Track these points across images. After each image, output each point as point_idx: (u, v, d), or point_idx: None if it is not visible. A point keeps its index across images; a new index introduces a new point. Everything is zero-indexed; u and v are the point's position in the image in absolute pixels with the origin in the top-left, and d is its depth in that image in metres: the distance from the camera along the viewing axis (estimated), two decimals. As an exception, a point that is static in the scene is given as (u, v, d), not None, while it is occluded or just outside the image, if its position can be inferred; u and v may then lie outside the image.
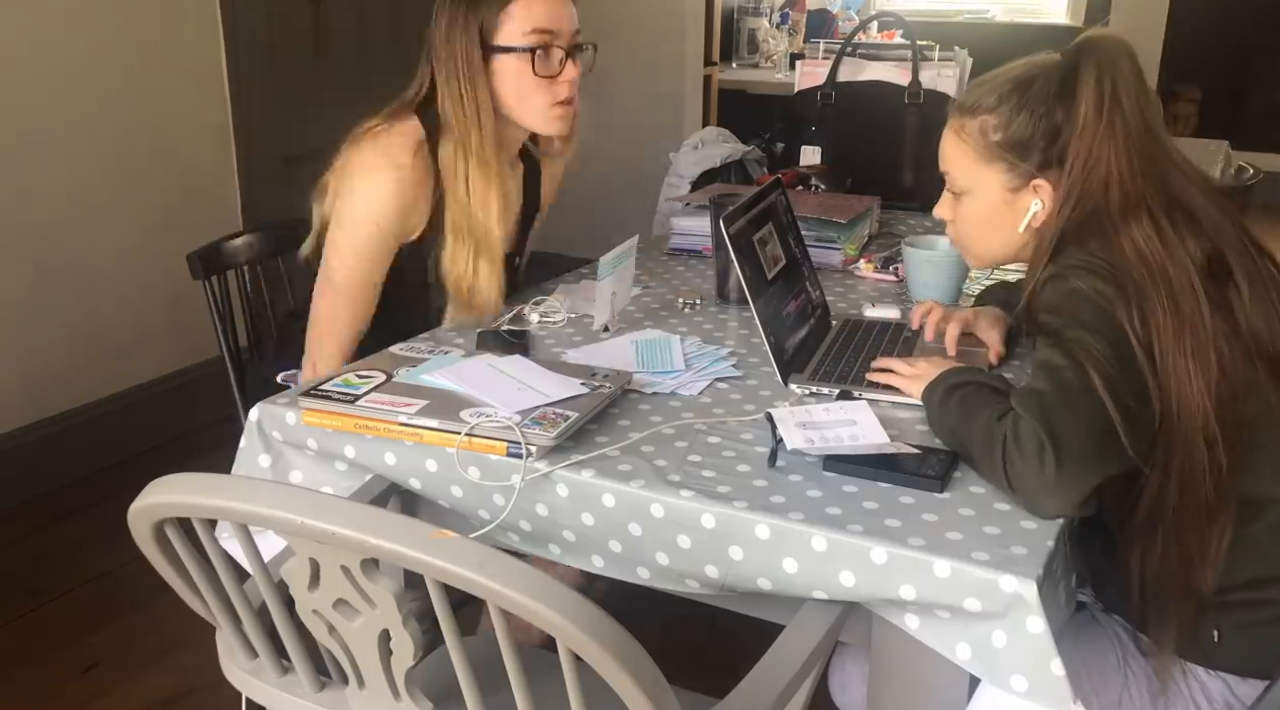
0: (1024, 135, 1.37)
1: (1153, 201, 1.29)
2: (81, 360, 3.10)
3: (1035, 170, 1.37)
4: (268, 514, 0.95)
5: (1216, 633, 1.28)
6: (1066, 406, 1.19)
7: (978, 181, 1.42)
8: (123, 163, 3.14)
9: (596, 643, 0.87)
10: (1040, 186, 1.38)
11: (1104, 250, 1.28)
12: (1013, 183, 1.39)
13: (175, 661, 2.28)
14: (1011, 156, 1.38)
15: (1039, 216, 1.39)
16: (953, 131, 1.44)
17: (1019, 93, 1.37)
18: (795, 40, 5.38)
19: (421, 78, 1.77)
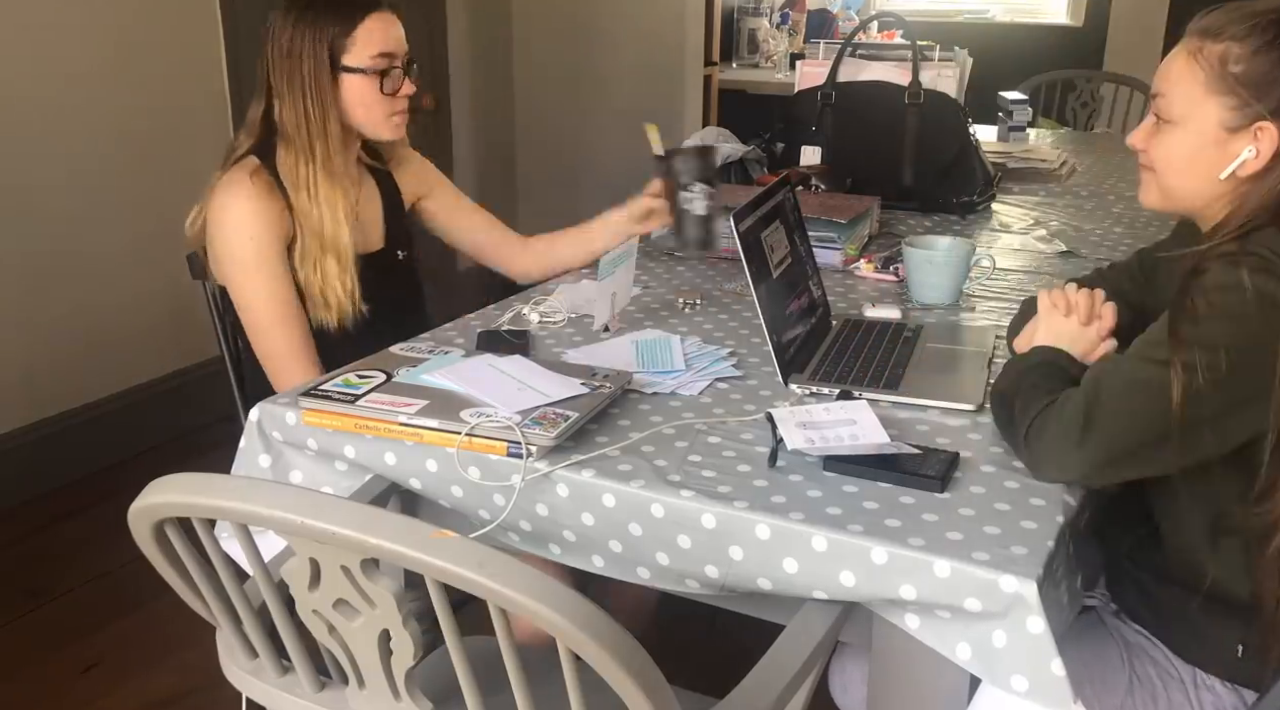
0: (1269, 74, 1.24)
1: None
2: (81, 360, 3.10)
3: (1266, 113, 1.24)
4: (268, 514, 0.95)
5: (1241, 647, 1.27)
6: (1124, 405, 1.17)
7: (1195, 111, 1.28)
8: (123, 162, 3.14)
9: (596, 643, 0.87)
10: (1264, 131, 1.25)
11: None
12: (1234, 121, 1.26)
13: (175, 661, 2.28)
14: (1246, 92, 1.25)
15: (1249, 165, 1.26)
16: (1186, 52, 1.30)
17: (1276, 27, 1.24)
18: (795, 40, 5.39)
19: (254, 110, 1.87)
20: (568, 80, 4.66)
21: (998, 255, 2.20)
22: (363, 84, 1.83)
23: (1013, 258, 2.23)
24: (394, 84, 1.85)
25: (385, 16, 1.85)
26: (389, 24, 1.85)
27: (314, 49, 1.80)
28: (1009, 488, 1.26)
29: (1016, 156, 3.10)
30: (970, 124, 2.63)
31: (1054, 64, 4.86)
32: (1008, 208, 2.64)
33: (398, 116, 1.90)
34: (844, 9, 5.66)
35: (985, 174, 2.64)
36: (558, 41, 4.65)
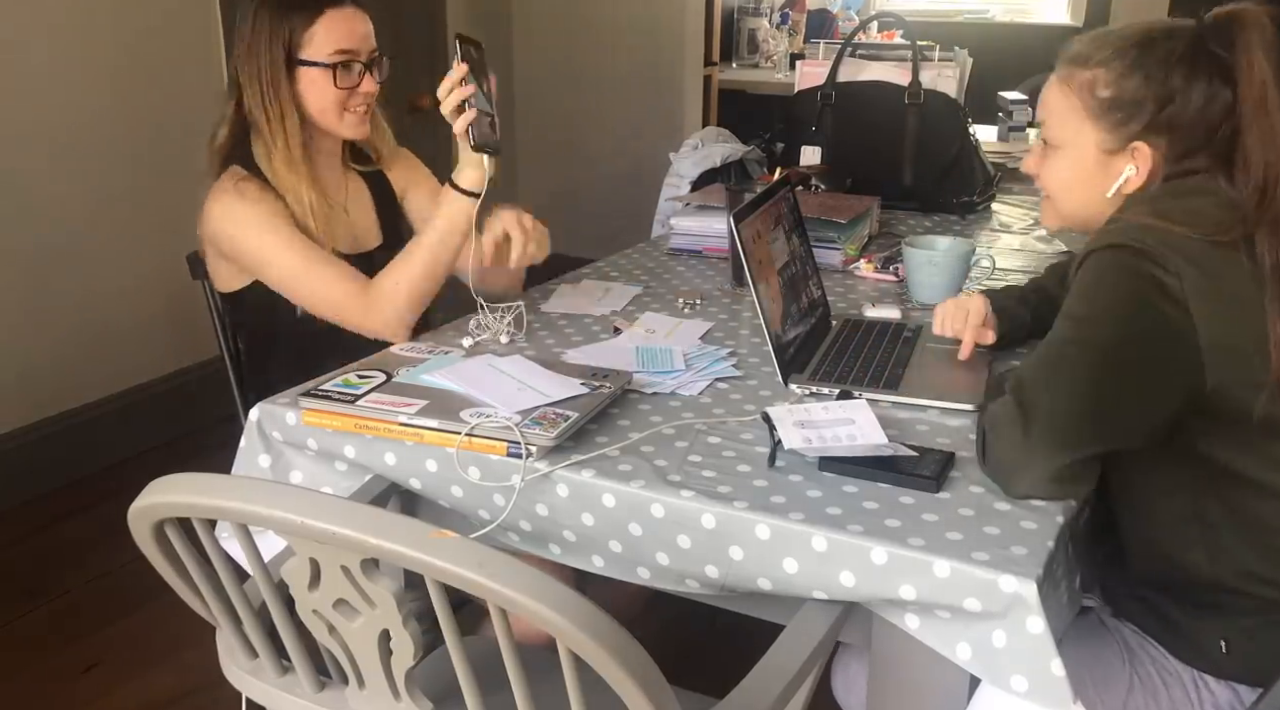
0: (1135, 96, 1.30)
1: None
2: (81, 360, 3.10)
3: (1138, 133, 1.31)
4: (268, 514, 0.95)
5: (1224, 643, 1.27)
6: (1048, 382, 1.21)
7: (1075, 136, 1.36)
8: (123, 163, 3.14)
9: (596, 642, 0.87)
10: (1139, 151, 1.32)
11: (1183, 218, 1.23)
12: (1111, 143, 1.33)
13: (175, 661, 2.28)
14: (1117, 116, 1.32)
15: (1131, 182, 1.33)
16: (1059, 81, 1.37)
17: (1138, 51, 1.31)
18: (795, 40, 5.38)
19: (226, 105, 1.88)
20: (568, 80, 4.66)
21: (998, 255, 2.20)
22: (317, 77, 1.82)
23: (1013, 258, 2.23)
24: (349, 79, 1.83)
25: (347, 12, 1.84)
26: (351, 20, 1.84)
27: (271, 42, 1.80)
28: (1009, 488, 1.26)
29: (1016, 156, 3.09)
30: (970, 124, 2.63)
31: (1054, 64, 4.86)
32: (1008, 208, 2.64)
33: (353, 114, 1.87)
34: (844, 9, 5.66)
35: (985, 174, 2.64)
36: (558, 41, 4.64)
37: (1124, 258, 1.23)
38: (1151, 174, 1.32)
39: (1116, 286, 1.24)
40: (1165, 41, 1.31)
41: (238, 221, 1.80)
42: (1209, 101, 1.28)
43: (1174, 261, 1.20)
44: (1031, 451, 1.20)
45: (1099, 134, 1.34)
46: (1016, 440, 1.21)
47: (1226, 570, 1.27)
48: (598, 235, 3.99)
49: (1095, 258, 1.26)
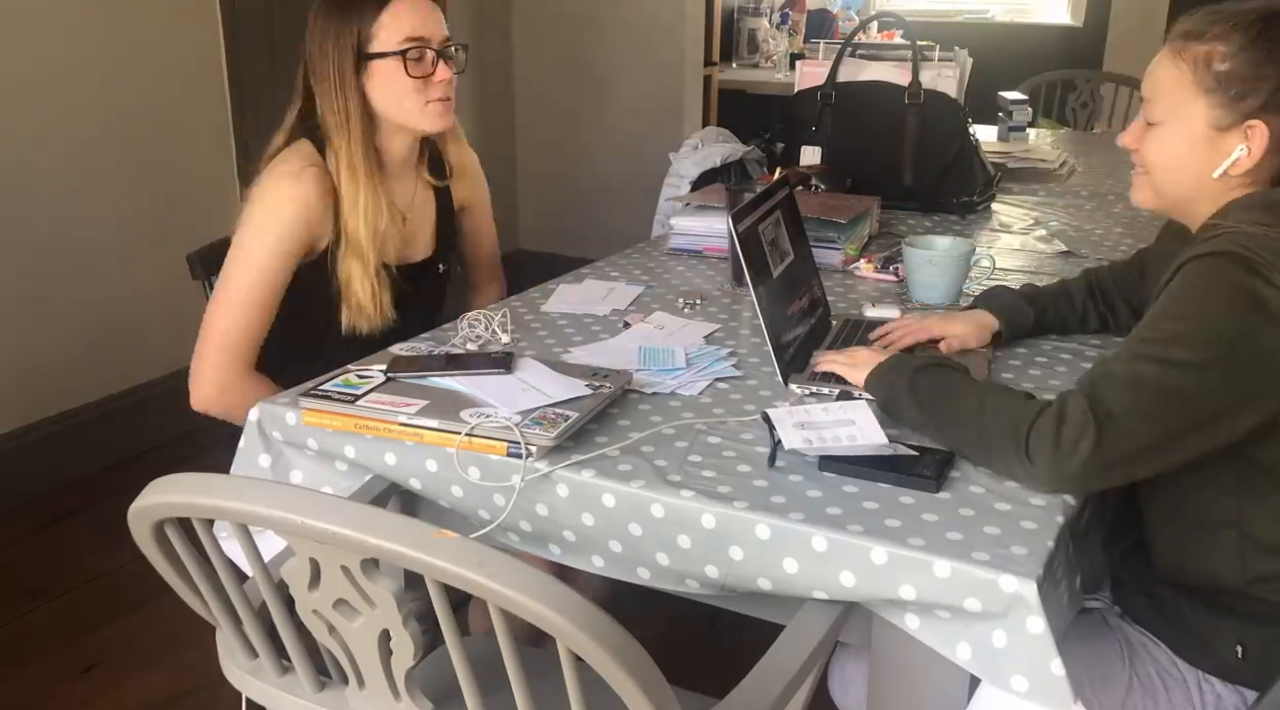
0: (1255, 72, 1.24)
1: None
2: (81, 360, 3.10)
3: (1255, 111, 1.25)
4: (268, 514, 0.95)
5: (1240, 648, 1.27)
6: (1127, 401, 1.16)
7: (1182, 111, 1.30)
8: (122, 163, 3.14)
9: (596, 642, 0.87)
10: (1254, 129, 1.26)
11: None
12: (1224, 120, 1.27)
13: (175, 661, 2.28)
14: (1233, 90, 1.26)
15: (1241, 163, 1.27)
16: (1170, 54, 1.31)
17: (1261, 25, 1.25)
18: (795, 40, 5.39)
19: (298, 90, 1.85)
20: (568, 80, 4.66)
21: (998, 255, 2.20)
22: (389, 69, 1.77)
23: (1013, 258, 2.23)
24: (423, 68, 1.78)
25: (416, 1, 1.79)
26: (419, 6, 1.79)
27: (339, 41, 1.75)
28: (1009, 488, 1.26)
29: (1016, 156, 3.10)
30: (970, 124, 2.63)
31: (1054, 64, 4.86)
32: (1008, 208, 2.64)
33: (435, 104, 1.81)
34: (844, 9, 5.66)
35: (985, 174, 2.64)
36: (558, 41, 4.65)
37: (1226, 268, 1.19)
38: (1265, 156, 1.27)
39: (1215, 304, 1.19)
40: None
41: (266, 213, 1.76)
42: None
43: (1276, 267, 1.17)
44: (1090, 472, 1.16)
45: (1212, 109, 1.28)
46: (1083, 453, 1.15)
47: (1257, 578, 1.26)
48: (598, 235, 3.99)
49: (1196, 265, 1.21)
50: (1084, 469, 1.16)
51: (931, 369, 1.34)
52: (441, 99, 1.83)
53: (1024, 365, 1.63)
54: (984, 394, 1.26)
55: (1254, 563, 1.26)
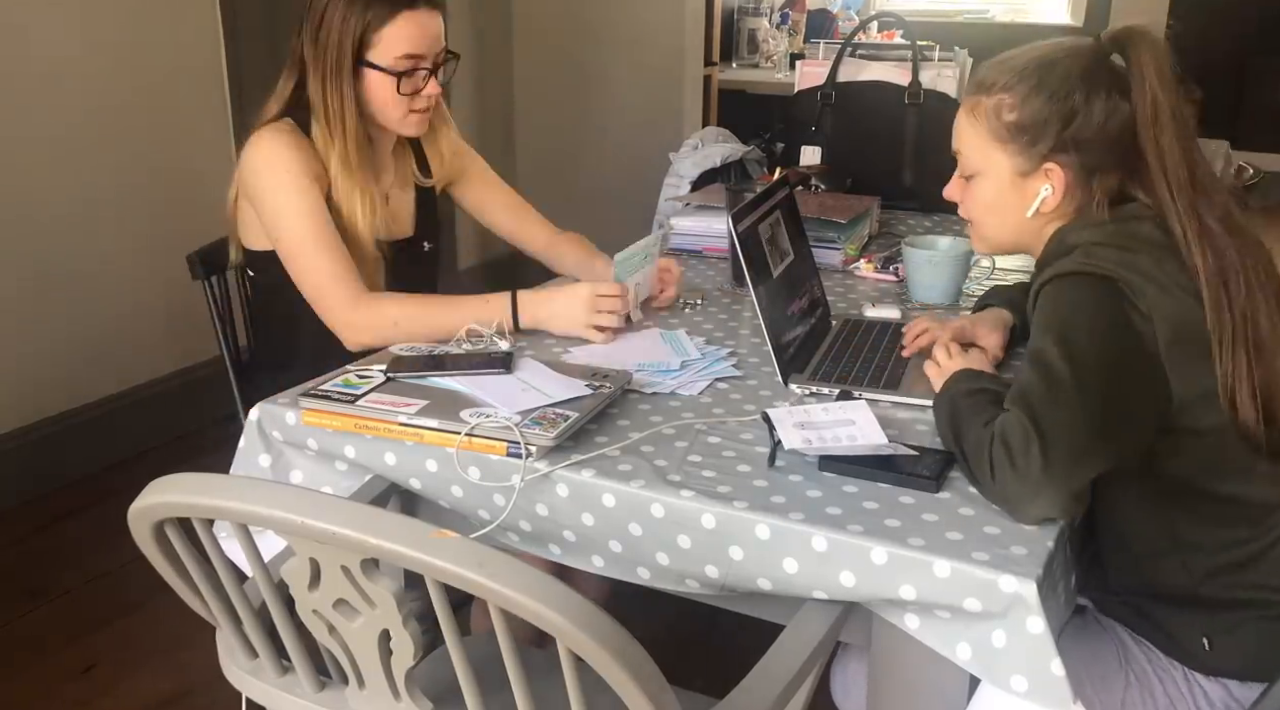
0: (1040, 117, 1.33)
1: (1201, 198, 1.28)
2: (81, 360, 3.10)
3: (1048, 153, 1.34)
4: (268, 514, 0.95)
5: (1207, 641, 1.29)
6: (1055, 401, 1.19)
7: (988, 162, 1.39)
8: (123, 163, 3.14)
9: (596, 643, 0.87)
10: (1052, 171, 1.35)
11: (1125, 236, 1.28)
12: (1024, 166, 1.36)
13: (175, 661, 2.28)
14: (1024, 138, 1.35)
15: (1049, 201, 1.36)
16: (966, 109, 1.41)
17: (1039, 73, 1.34)
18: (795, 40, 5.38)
19: (285, 83, 1.85)
20: (568, 80, 4.66)
21: (997, 255, 2.20)
22: (381, 81, 1.78)
23: (1013, 258, 2.22)
24: (412, 86, 1.80)
25: (421, 16, 1.78)
26: (424, 22, 1.79)
27: (342, 34, 1.75)
28: (1009, 488, 1.26)
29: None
30: (970, 124, 2.63)
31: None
32: (1008, 208, 2.64)
33: (416, 115, 1.84)
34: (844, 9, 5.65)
35: (985, 174, 2.64)
36: (558, 41, 4.64)
37: (1088, 282, 1.26)
38: (1067, 190, 1.35)
39: (1090, 306, 1.25)
40: (1064, 61, 1.34)
41: (274, 166, 1.76)
42: (1109, 116, 1.31)
43: (1135, 280, 1.24)
44: (1053, 476, 1.17)
45: (1011, 158, 1.37)
46: (1034, 465, 1.16)
47: (1202, 579, 1.29)
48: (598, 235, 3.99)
49: (1059, 284, 1.28)
50: (1045, 475, 1.17)
51: (975, 394, 1.34)
52: (422, 110, 1.85)
53: (1024, 365, 1.63)
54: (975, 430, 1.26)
55: (1196, 566, 1.29)
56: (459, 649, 0.98)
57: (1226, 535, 1.29)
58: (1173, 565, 1.30)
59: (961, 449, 1.27)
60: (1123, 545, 1.34)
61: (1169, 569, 1.30)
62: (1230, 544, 1.28)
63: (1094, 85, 1.31)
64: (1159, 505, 1.30)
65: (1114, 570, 1.36)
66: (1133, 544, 1.33)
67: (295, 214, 1.75)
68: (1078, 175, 1.34)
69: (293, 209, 1.75)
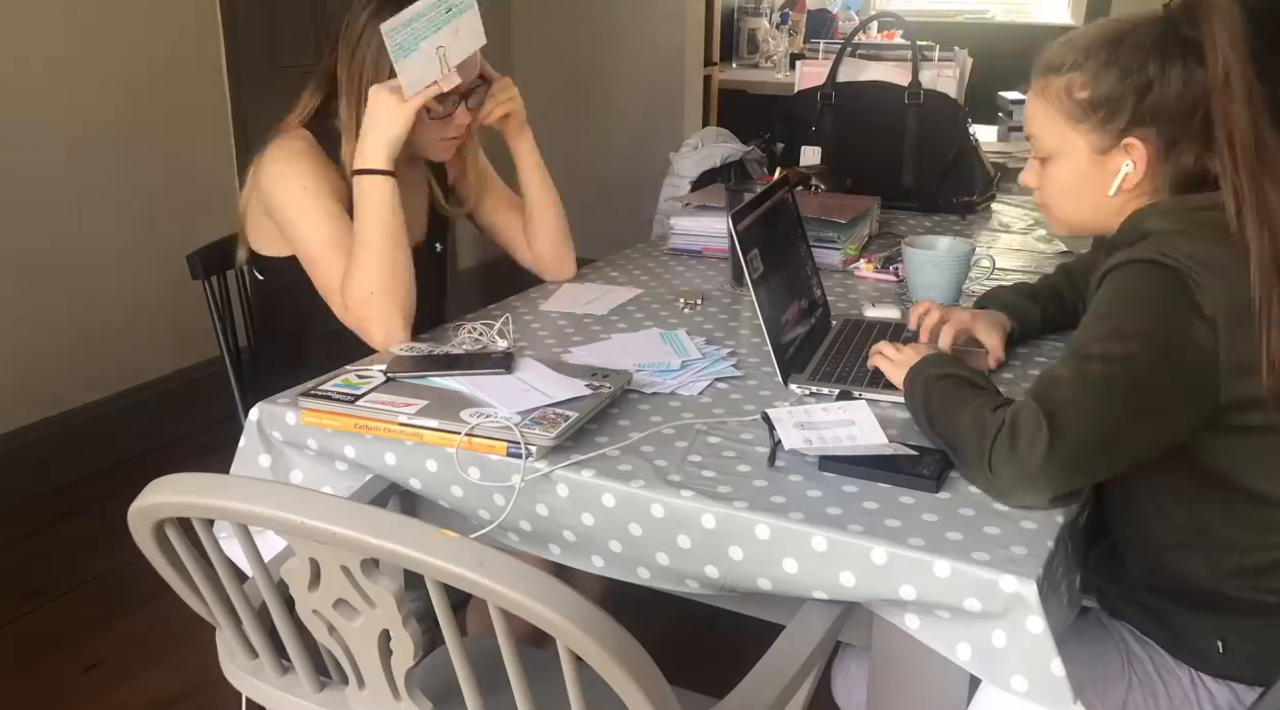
0: (1115, 92, 1.30)
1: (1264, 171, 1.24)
2: (81, 360, 3.10)
3: (1126, 128, 1.31)
4: (268, 514, 0.95)
5: (1221, 644, 1.28)
6: (1079, 404, 1.18)
7: (1064, 143, 1.35)
8: (123, 163, 3.14)
9: (596, 643, 0.87)
10: (1132, 146, 1.31)
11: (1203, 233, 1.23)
12: (1101, 143, 1.32)
13: (175, 661, 2.28)
14: (1100, 114, 1.31)
15: (1131, 178, 1.32)
16: (1036, 93, 1.38)
17: (1108, 48, 1.31)
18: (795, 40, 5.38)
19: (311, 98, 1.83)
20: (568, 80, 4.66)
21: (998, 255, 2.20)
22: None
23: (1013, 258, 2.23)
24: (443, 112, 1.78)
25: None
26: None
27: (379, 59, 1.71)
28: (1009, 488, 1.26)
29: (1016, 156, 3.10)
30: (970, 124, 2.63)
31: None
32: (1008, 208, 2.64)
33: (447, 142, 1.83)
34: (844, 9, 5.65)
35: (985, 174, 2.64)
36: (558, 41, 4.65)
37: (1155, 273, 1.22)
38: (1150, 165, 1.31)
39: (1149, 303, 1.22)
40: (1134, 33, 1.31)
41: (288, 177, 1.74)
42: (1187, 84, 1.27)
43: (1203, 276, 1.19)
44: (1050, 473, 1.17)
45: (1088, 136, 1.33)
46: (1035, 457, 1.16)
47: (1225, 577, 1.28)
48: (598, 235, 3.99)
49: (1125, 271, 1.24)
50: (1043, 471, 1.16)
51: (950, 379, 1.34)
52: (454, 138, 1.83)
53: (1024, 365, 1.63)
54: (973, 411, 1.26)
55: (1220, 563, 1.28)
56: (459, 649, 0.98)
57: (1259, 537, 1.27)
58: (1196, 559, 1.28)
59: (947, 430, 1.27)
60: (1144, 535, 1.33)
61: (1192, 563, 1.29)
62: (1261, 546, 1.27)
63: (1168, 54, 1.28)
64: (1192, 497, 1.28)
65: (1135, 564, 1.35)
66: (1156, 534, 1.31)
67: (312, 222, 1.74)
68: (1159, 149, 1.30)
69: (309, 217, 1.74)
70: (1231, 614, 1.28)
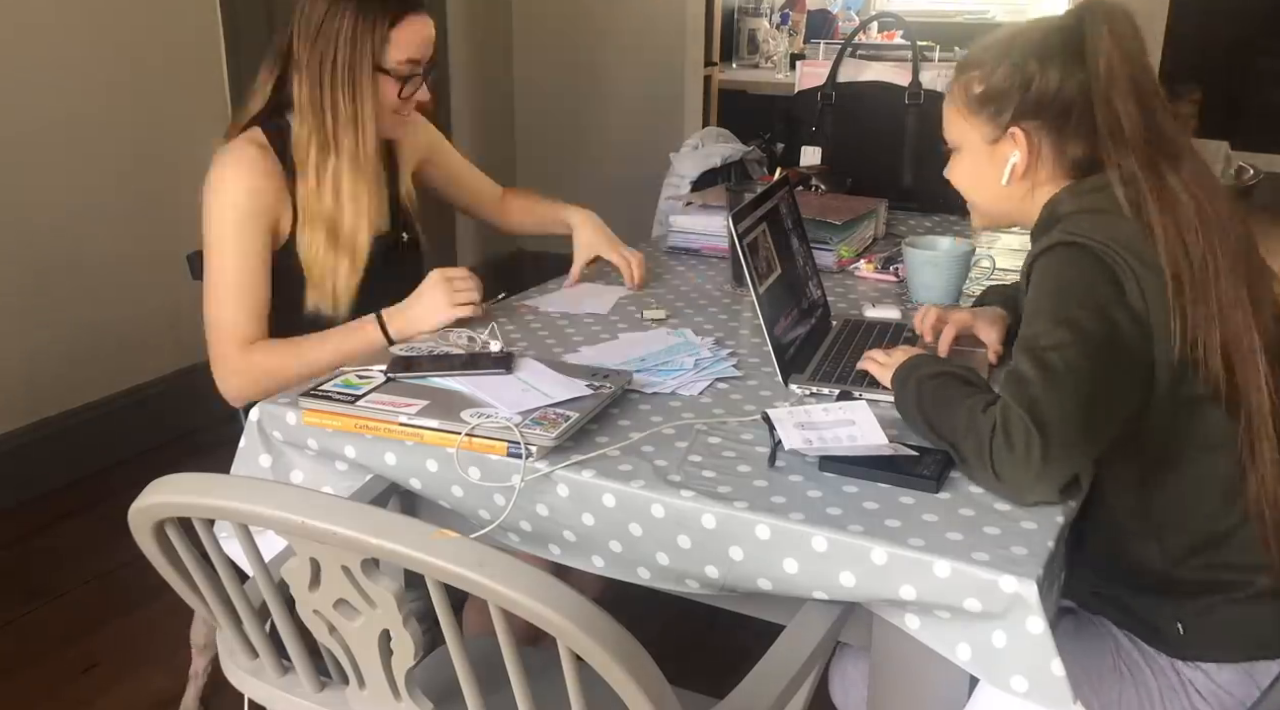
0: (1002, 86, 1.39)
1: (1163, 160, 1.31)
2: (81, 360, 3.10)
3: (1011, 119, 1.39)
4: (268, 514, 0.95)
5: (1180, 626, 1.30)
6: (1052, 389, 1.20)
7: (964, 136, 1.46)
8: (123, 162, 3.14)
9: (597, 643, 0.87)
10: (1015, 135, 1.39)
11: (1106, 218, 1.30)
12: (991, 134, 1.42)
13: (175, 661, 2.27)
14: (991, 108, 1.41)
15: (1018, 167, 1.40)
16: (948, 89, 1.49)
17: (1002, 47, 1.41)
18: (795, 41, 5.38)
19: (266, 79, 1.83)
20: (568, 80, 4.66)
21: (998, 255, 2.20)
22: (387, 86, 1.79)
23: (1013, 258, 2.23)
24: (411, 88, 1.81)
25: (423, 19, 1.79)
26: (425, 27, 1.80)
27: (356, 41, 1.74)
28: (1009, 488, 1.26)
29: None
30: (970, 124, 2.63)
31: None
32: (1008, 208, 2.64)
33: (399, 118, 1.86)
34: (844, 9, 5.66)
35: (985, 174, 2.64)
36: (558, 41, 4.65)
37: (1072, 253, 1.28)
38: (1034, 154, 1.39)
39: (1084, 281, 1.27)
40: (1028, 34, 1.41)
41: (223, 197, 1.76)
42: (1064, 80, 1.35)
43: (1118, 249, 1.26)
44: (1051, 461, 1.18)
45: (980, 128, 1.43)
46: (1034, 452, 1.17)
47: (1178, 561, 1.31)
48: (598, 235, 3.99)
49: (1046, 258, 1.31)
50: (1046, 468, 1.19)
51: (941, 378, 1.35)
52: (408, 114, 1.87)
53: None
54: (967, 414, 1.26)
55: (1170, 546, 1.31)
56: (459, 649, 0.98)
57: (1198, 511, 1.31)
58: (1149, 547, 1.32)
59: (944, 430, 1.29)
60: (1104, 526, 1.35)
61: (1146, 552, 1.32)
62: (1202, 520, 1.31)
63: (1050, 53, 1.37)
64: (1138, 483, 1.31)
65: (1094, 552, 1.37)
66: (1110, 524, 1.34)
67: (225, 253, 1.75)
68: (1045, 140, 1.39)
69: (225, 247, 1.76)
70: (1185, 597, 1.31)
